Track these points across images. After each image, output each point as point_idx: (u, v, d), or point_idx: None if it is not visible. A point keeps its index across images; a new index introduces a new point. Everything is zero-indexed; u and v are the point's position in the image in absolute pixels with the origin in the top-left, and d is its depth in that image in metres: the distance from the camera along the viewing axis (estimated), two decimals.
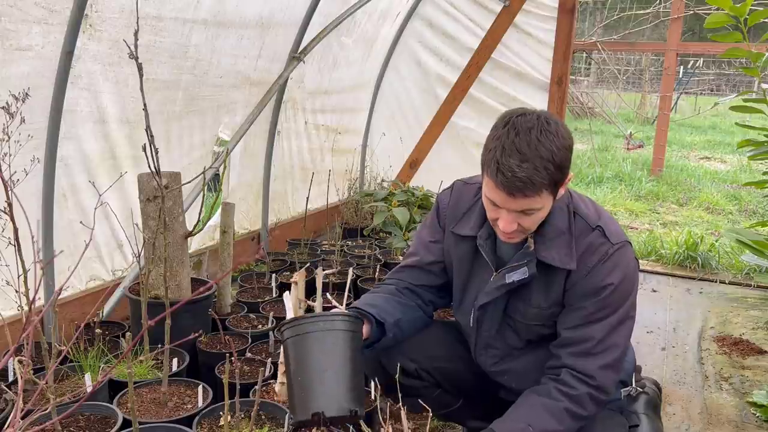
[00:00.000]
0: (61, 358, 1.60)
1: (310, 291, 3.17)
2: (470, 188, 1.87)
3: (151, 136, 1.94)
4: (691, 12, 9.53)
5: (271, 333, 2.51)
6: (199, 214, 2.44)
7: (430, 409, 1.53)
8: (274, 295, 3.12)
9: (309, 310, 1.70)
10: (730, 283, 4.27)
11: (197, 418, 1.87)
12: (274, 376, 2.15)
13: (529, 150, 1.45)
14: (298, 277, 1.83)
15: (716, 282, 4.29)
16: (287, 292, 1.72)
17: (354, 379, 1.50)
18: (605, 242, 1.65)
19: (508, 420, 1.61)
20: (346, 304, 3.01)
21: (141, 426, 1.76)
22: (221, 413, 1.79)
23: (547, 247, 1.66)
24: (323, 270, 1.78)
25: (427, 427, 1.54)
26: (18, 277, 1.75)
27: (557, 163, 1.48)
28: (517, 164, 1.45)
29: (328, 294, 1.79)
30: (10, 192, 1.59)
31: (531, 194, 1.48)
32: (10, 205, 1.59)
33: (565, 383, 1.63)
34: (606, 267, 1.64)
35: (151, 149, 1.94)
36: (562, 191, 1.61)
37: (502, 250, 1.78)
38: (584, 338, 1.65)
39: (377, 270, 3.32)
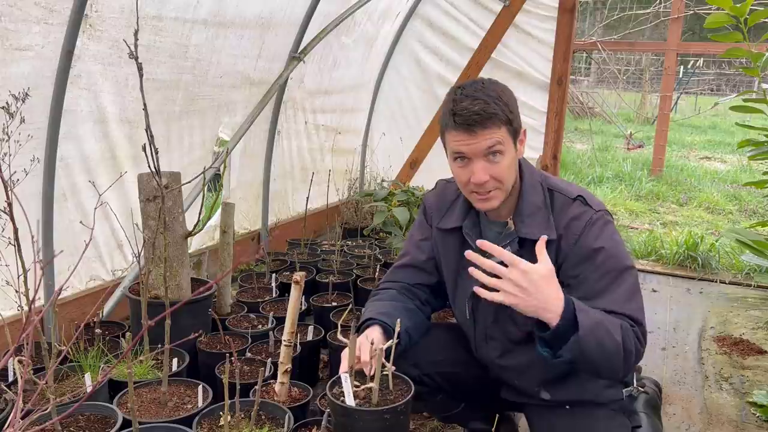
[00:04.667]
0: (61, 358, 1.60)
1: (310, 291, 3.18)
2: (452, 185, 1.92)
3: (151, 136, 1.94)
4: (691, 12, 9.54)
5: (271, 333, 2.51)
6: (199, 214, 2.44)
7: (431, 414, 1.53)
8: (274, 295, 3.11)
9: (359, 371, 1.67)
10: (730, 283, 4.27)
11: (197, 418, 1.86)
12: (274, 376, 2.14)
13: (477, 92, 1.61)
14: (299, 277, 1.83)
15: (716, 282, 4.29)
16: (344, 352, 1.67)
17: None
18: (588, 209, 1.69)
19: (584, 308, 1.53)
20: (346, 305, 3.00)
21: (141, 426, 1.75)
22: (221, 413, 1.79)
23: (526, 224, 1.70)
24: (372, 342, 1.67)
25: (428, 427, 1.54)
26: (18, 277, 1.75)
27: (505, 101, 1.62)
28: (470, 102, 1.59)
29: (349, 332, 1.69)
30: (10, 192, 1.59)
31: (490, 125, 1.59)
32: (10, 205, 1.59)
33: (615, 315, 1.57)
34: (593, 231, 1.65)
35: (151, 149, 1.94)
36: (521, 149, 1.71)
37: (487, 237, 1.81)
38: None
39: (377, 270, 3.32)
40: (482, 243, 1.52)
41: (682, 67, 17.02)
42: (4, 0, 2.18)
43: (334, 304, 2.96)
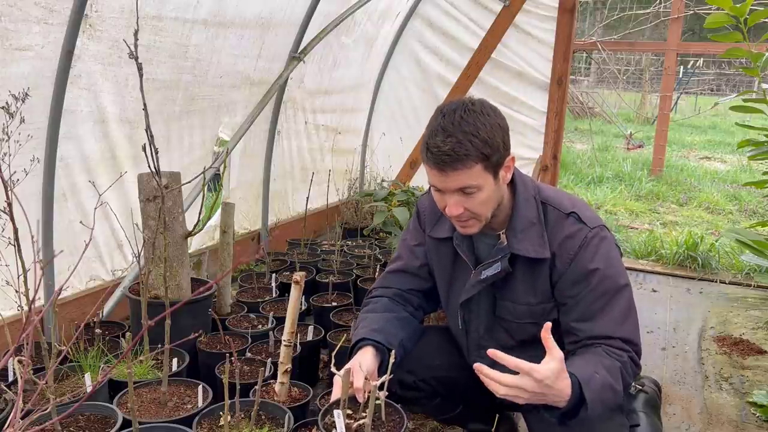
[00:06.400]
0: (61, 358, 1.60)
1: (310, 291, 3.18)
2: None
3: (151, 136, 1.94)
4: (691, 12, 9.54)
5: (271, 333, 2.51)
6: (199, 214, 2.44)
7: (430, 416, 1.52)
8: (274, 295, 3.11)
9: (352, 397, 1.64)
10: (730, 283, 4.27)
11: (197, 418, 1.86)
12: (274, 376, 2.14)
13: (453, 127, 1.53)
14: (299, 277, 1.83)
15: (716, 282, 4.29)
16: (337, 377, 1.64)
17: None
18: (582, 227, 1.66)
19: (575, 366, 1.49)
20: (346, 305, 3.00)
21: (141, 426, 1.75)
22: (221, 413, 1.79)
23: (519, 239, 1.68)
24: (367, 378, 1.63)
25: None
26: (18, 277, 1.75)
27: (482, 137, 1.52)
28: (442, 140, 1.52)
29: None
30: (10, 192, 1.59)
31: (460, 167, 1.52)
32: (10, 205, 1.59)
33: (611, 346, 1.58)
34: (588, 251, 1.63)
35: (151, 149, 1.94)
36: (506, 175, 1.64)
37: (479, 249, 1.80)
38: (593, 333, 1.60)
39: (377, 270, 3.32)
40: (494, 353, 1.43)
41: (682, 67, 17.04)
42: (4, 0, 2.18)
43: (334, 304, 2.96)
